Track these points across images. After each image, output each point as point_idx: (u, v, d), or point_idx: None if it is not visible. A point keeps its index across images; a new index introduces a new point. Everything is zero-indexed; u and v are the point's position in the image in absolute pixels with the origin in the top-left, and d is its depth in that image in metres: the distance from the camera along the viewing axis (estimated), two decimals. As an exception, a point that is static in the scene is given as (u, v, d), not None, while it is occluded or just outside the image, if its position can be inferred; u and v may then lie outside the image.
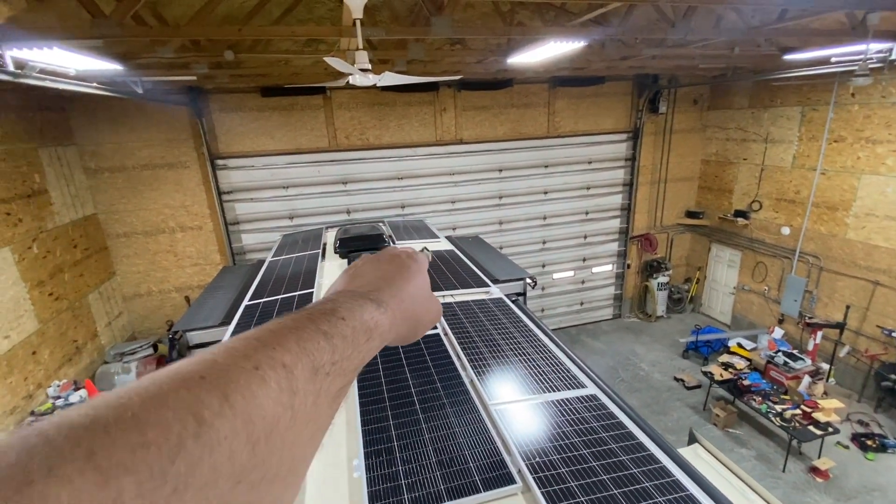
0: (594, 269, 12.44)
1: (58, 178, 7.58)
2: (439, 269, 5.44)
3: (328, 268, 5.86)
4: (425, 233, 7.66)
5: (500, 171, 10.82)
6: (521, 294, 5.54)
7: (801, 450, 7.57)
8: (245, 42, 5.65)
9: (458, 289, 4.79)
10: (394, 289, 0.49)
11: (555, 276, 12.09)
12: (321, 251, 6.44)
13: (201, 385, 0.26)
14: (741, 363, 9.09)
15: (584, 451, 2.28)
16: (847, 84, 8.41)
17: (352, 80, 3.12)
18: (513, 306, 4.25)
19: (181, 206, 9.08)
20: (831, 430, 7.30)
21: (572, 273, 12.25)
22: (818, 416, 7.45)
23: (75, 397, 6.63)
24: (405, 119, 9.87)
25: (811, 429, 7.30)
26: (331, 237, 7.25)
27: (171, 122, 8.62)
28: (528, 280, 5.72)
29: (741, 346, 9.82)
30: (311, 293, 4.73)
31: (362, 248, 6.16)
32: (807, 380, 8.40)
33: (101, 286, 8.45)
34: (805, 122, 9.47)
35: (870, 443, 7.64)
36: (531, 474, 2.14)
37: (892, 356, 8.34)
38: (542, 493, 2.01)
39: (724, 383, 8.58)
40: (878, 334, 8.51)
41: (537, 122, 10.63)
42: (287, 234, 8.57)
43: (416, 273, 0.54)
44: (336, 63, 2.54)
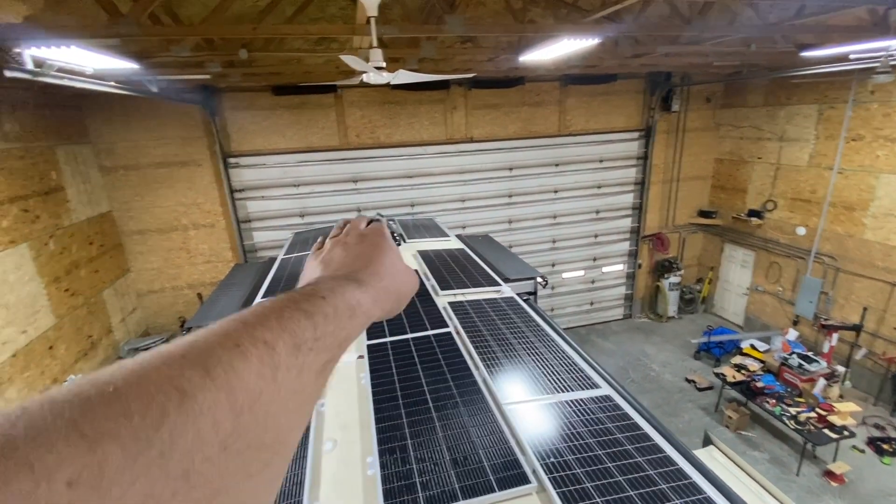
0: (604, 269, 12.34)
1: (74, 175, 7.68)
2: (450, 268, 5.43)
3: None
4: (435, 231, 7.65)
5: (511, 169, 10.78)
6: (532, 293, 5.51)
7: (815, 453, 7.47)
8: (258, 41, 5.68)
9: (469, 287, 4.77)
10: (372, 268, 0.52)
11: (564, 275, 12.02)
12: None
13: (182, 361, 0.28)
14: (754, 365, 8.98)
15: (600, 452, 2.26)
16: (866, 81, 8.27)
17: (366, 77, 3.12)
18: (525, 305, 4.23)
19: (194, 204, 9.17)
20: (847, 433, 7.20)
21: (582, 272, 12.17)
22: (834, 419, 7.35)
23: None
24: (415, 118, 9.87)
25: (826, 432, 7.20)
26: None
27: (185, 120, 8.70)
28: (538, 279, 5.69)
29: (754, 347, 9.69)
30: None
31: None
32: (822, 382, 8.27)
33: (116, 282, 8.57)
34: (822, 120, 9.31)
35: (886, 447, 7.51)
36: (546, 474, 2.12)
37: (911, 359, 8.20)
38: (558, 493, 2.00)
39: (736, 385, 8.48)
40: (897, 336, 8.36)
41: (548, 120, 10.57)
42: (298, 231, 8.61)
43: (387, 249, 0.57)
44: (352, 61, 2.54)
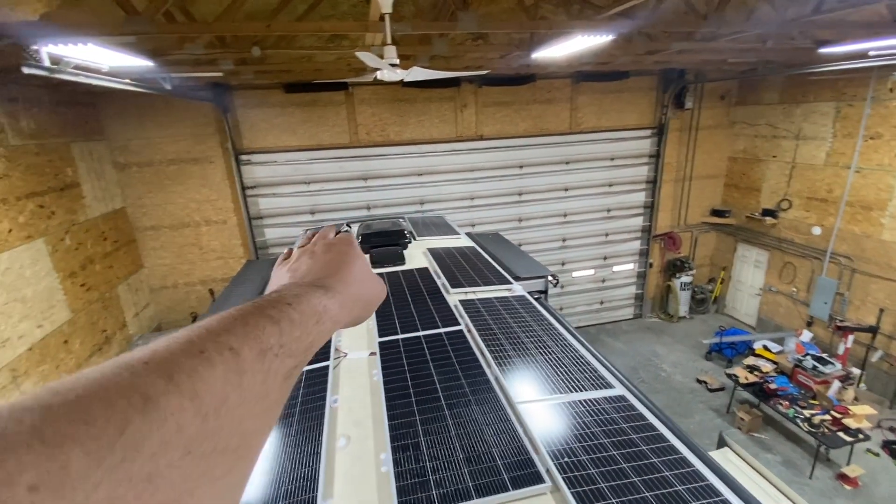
0: (615, 268, 12.24)
1: (89, 172, 7.78)
2: (460, 266, 5.43)
3: (350, 263, 5.88)
4: (445, 229, 7.65)
5: (521, 167, 10.73)
6: (543, 292, 5.48)
7: (828, 456, 7.36)
8: (270, 38, 5.70)
9: (480, 286, 4.76)
10: (339, 275, 0.52)
11: (574, 274, 11.95)
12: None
13: (145, 368, 0.28)
14: (767, 366, 8.86)
15: (614, 453, 2.24)
16: (885, 78, 8.11)
17: (380, 75, 3.11)
18: (536, 304, 4.21)
19: (206, 201, 9.25)
20: (862, 436, 7.08)
21: (592, 271, 12.09)
22: (848, 422, 7.23)
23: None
24: (425, 115, 9.85)
25: (841, 435, 7.08)
26: (352, 232, 7.30)
27: (197, 117, 8.77)
28: (549, 278, 5.66)
29: (767, 348, 9.57)
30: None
31: (384, 243, 6.18)
32: (836, 385, 8.14)
33: (130, 278, 8.67)
34: (840, 117, 9.13)
35: (902, 451, 7.39)
36: (560, 474, 2.11)
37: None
38: (573, 493, 1.98)
39: (749, 386, 8.37)
40: (914, 339, 8.21)
41: (559, 117, 10.49)
42: (309, 228, 8.66)
43: (355, 257, 0.57)
44: (367, 58, 2.54)
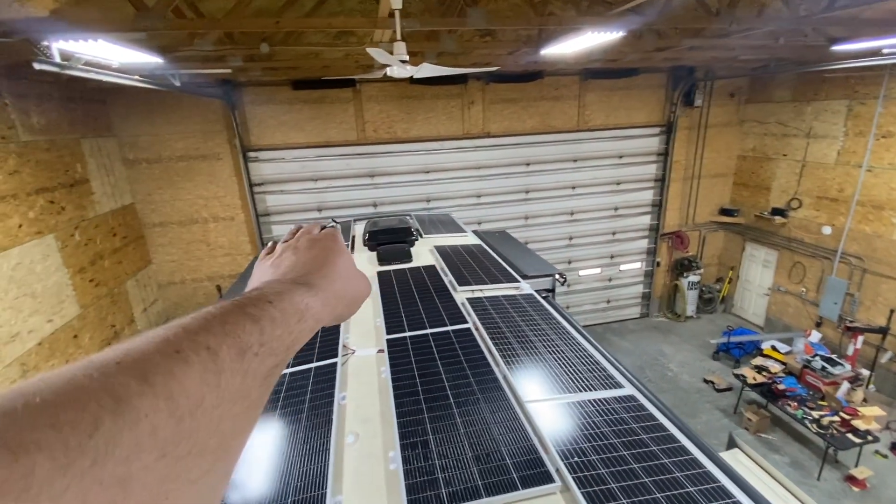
0: (622, 267, 12.18)
1: (98, 168, 7.83)
2: (467, 263, 5.41)
3: (357, 260, 5.89)
4: (452, 226, 7.63)
5: (528, 164, 10.68)
6: (551, 290, 5.46)
7: (836, 458, 7.30)
8: (278, 35, 5.70)
9: (487, 284, 4.75)
10: (323, 271, 0.51)
11: (581, 272, 11.90)
12: (350, 244, 6.49)
13: (117, 369, 0.27)
14: (776, 367, 8.79)
15: (624, 453, 2.23)
16: (899, 76, 8.00)
17: (390, 71, 3.10)
18: (544, 303, 4.19)
19: (214, 197, 9.29)
20: (871, 438, 7.03)
21: (599, 270, 12.03)
22: (857, 423, 7.16)
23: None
24: (433, 112, 9.83)
25: (849, 436, 7.02)
26: (359, 230, 7.30)
27: (206, 114, 8.80)
28: (557, 276, 5.63)
29: (775, 349, 9.49)
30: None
31: (391, 240, 6.18)
32: (845, 386, 8.06)
33: (138, 273, 8.74)
34: (851, 116, 9.02)
35: (911, 453, 7.31)
36: (570, 474, 2.10)
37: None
38: (583, 493, 1.97)
39: (756, 387, 8.31)
40: (925, 340, 8.12)
41: (567, 115, 10.43)
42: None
43: (339, 254, 0.56)
44: (377, 54, 2.53)
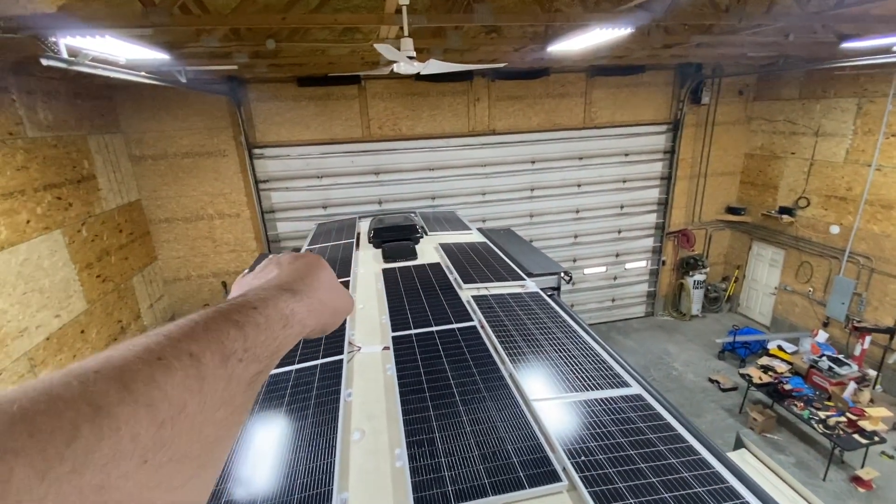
0: (627, 266, 12.11)
1: (105, 164, 7.87)
2: (472, 261, 5.40)
3: (362, 257, 5.91)
4: (457, 224, 7.62)
5: (533, 162, 10.64)
6: (556, 289, 5.45)
7: (843, 458, 7.26)
8: (284, 31, 5.69)
9: (492, 281, 4.74)
10: (307, 279, 0.52)
11: (586, 271, 11.86)
12: (355, 240, 6.49)
13: (96, 377, 0.27)
14: (782, 367, 8.73)
15: (632, 452, 2.22)
16: (910, 74, 7.90)
17: (397, 67, 3.08)
18: (550, 301, 4.17)
19: (220, 194, 9.31)
20: (877, 439, 6.97)
21: (604, 269, 11.98)
22: (864, 424, 7.11)
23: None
24: (438, 109, 9.80)
25: (856, 437, 6.97)
26: (364, 227, 7.31)
27: (211, 111, 8.81)
28: (562, 275, 5.61)
29: (781, 348, 9.43)
30: (348, 281, 4.77)
31: (396, 238, 6.18)
32: (852, 386, 8.00)
33: (144, 269, 8.78)
34: (861, 114, 8.92)
35: (919, 454, 7.25)
36: (577, 473, 2.09)
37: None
38: (590, 492, 1.96)
39: (762, 387, 8.27)
40: (934, 341, 8.04)
41: (573, 112, 10.38)
42: (321, 223, 8.68)
43: (322, 267, 0.57)
44: (384, 50, 2.51)
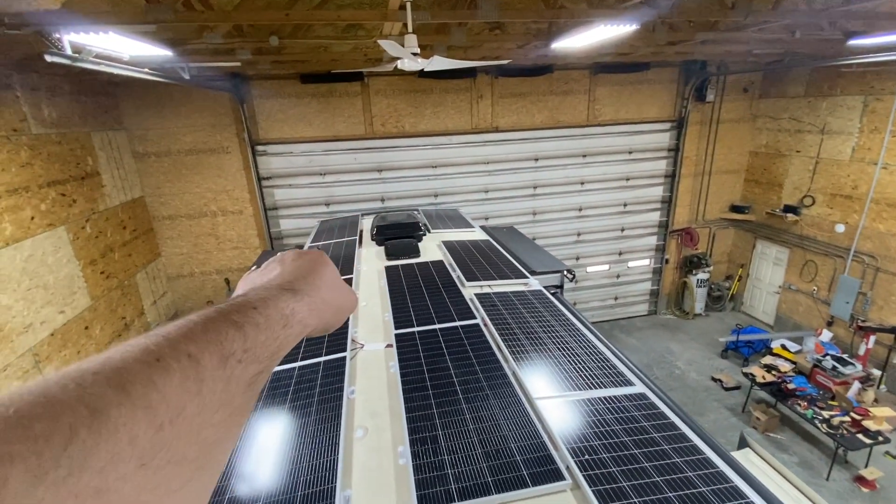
0: (630, 264, 12.07)
1: (109, 161, 7.88)
2: (475, 259, 5.39)
3: (365, 254, 5.90)
4: (459, 222, 7.61)
5: (536, 160, 10.60)
6: (559, 287, 5.43)
7: (846, 458, 7.23)
8: (287, 28, 5.68)
9: (495, 279, 4.73)
10: (309, 278, 0.51)
11: (589, 269, 11.83)
12: (358, 238, 6.49)
13: (94, 378, 0.27)
14: (785, 366, 8.70)
15: (635, 451, 2.21)
16: (918, 72, 7.83)
17: (401, 64, 3.07)
18: (553, 299, 4.16)
19: (223, 191, 9.32)
20: (881, 438, 6.94)
21: (607, 267, 11.95)
22: (868, 423, 7.09)
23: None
24: (441, 107, 9.77)
25: (860, 437, 6.95)
26: (367, 224, 7.30)
27: (214, 107, 8.81)
28: (565, 273, 5.60)
29: (785, 347, 9.38)
30: (351, 279, 4.77)
31: (399, 235, 6.17)
32: (856, 386, 7.96)
33: (148, 266, 8.80)
34: (867, 112, 8.85)
35: (923, 454, 7.22)
36: (580, 471, 2.08)
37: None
38: (594, 491, 1.96)
39: (766, 386, 8.24)
40: (939, 341, 7.99)
41: (576, 109, 10.33)
42: (324, 220, 8.68)
43: (325, 265, 0.57)
44: (389, 46, 2.50)
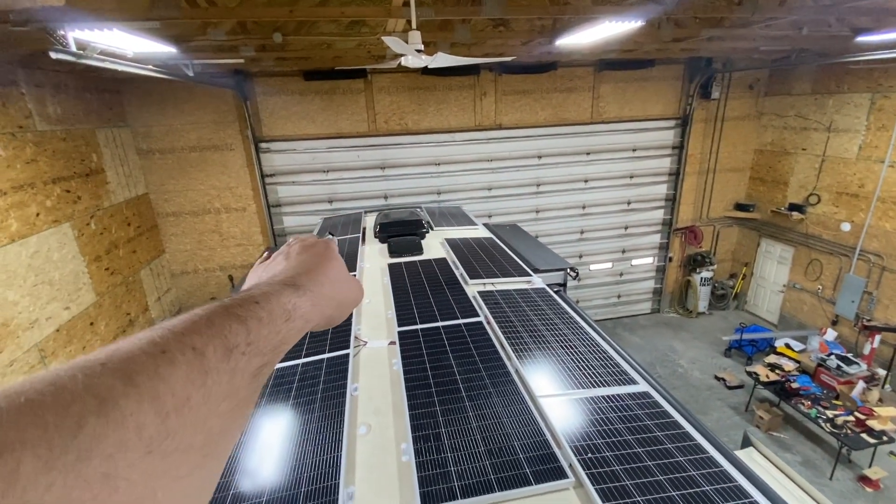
0: (634, 262, 12.04)
1: (113, 158, 7.90)
2: (478, 256, 5.39)
3: (368, 252, 5.91)
4: (462, 219, 7.60)
5: (540, 157, 10.57)
6: (562, 285, 5.43)
7: (850, 458, 7.21)
8: (290, 24, 5.67)
9: (498, 277, 4.72)
10: (312, 274, 0.52)
11: (592, 267, 11.80)
12: (361, 235, 6.49)
13: (102, 370, 0.28)
14: (789, 365, 8.67)
15: (639, 450, 2.20)
16: (926, 69, 7.75)
17: (405, 61, 3.06)
18: (557, 297, 4.15)
19: (226, 188, 9.34)
20: (886, 438, 6.91)
21: (610, 265, 11.92)
22: (872, 423, 7.06)
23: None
24: (444, 104, 9.75)
25: (864, 437, 6.92)
26: (370, 221, 7.31)
27: (218, 104, 8.82)
28: (569, 271, 5.59)
29: (789, 346, 9.36)
30: (354, 276, 4.77)
31: (402, 233, 6.17)
32: (861, 385, 7.93)
33: (152, 263, 8.84)
34: (875, 109, 8.77)
35: (928, 454, 7.19)
36: (584, 469, 2.08)
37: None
38: (597, 489, 1.96)
39: (769, 385, 8.21)
40: (946, 341, 7.94)
41: (580, 107, 10.29)
42: (327, 217, 8.69)
43: (331, 258, 0.58)
44: (393, 42, 2.49)
